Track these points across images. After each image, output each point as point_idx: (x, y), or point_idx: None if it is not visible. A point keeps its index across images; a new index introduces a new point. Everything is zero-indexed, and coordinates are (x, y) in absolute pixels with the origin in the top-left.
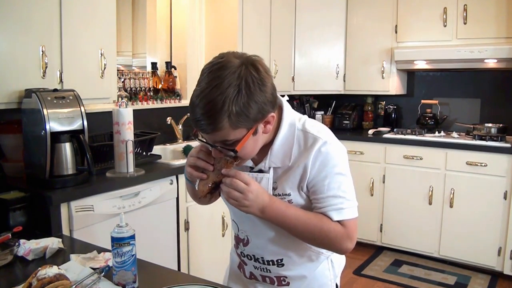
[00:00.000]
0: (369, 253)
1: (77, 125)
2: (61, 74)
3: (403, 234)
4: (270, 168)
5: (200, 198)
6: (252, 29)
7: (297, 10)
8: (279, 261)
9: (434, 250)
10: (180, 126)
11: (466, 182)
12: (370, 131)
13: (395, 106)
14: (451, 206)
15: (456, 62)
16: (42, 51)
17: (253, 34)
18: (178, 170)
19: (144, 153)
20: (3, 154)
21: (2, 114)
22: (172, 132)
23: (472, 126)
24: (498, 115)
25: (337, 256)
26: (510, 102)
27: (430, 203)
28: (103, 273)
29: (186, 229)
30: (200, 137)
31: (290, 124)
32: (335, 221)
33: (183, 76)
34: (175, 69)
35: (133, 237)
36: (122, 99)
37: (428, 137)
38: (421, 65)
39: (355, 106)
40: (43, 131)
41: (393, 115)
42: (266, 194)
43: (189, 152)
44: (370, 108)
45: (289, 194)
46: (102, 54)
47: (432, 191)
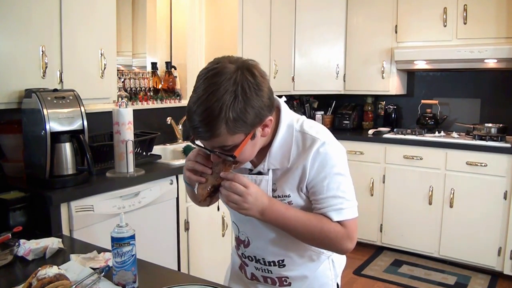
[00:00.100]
0: (369, 253)
1: (77, 125)
2: (61, 74)
3: (403, 234)
4: (269, 170)
5: (200, 201)
6: (252, 29)
7: (297, 10)
8: (280, 261)
9: (434, 250)
10: (180, 126)
11: (466, 182)
12: (370, 131)
13: (395, 106)
14: (451, 206)
15: (456, 62)
16: (42, 51)
17: (253, 34)
18: (178, 170)
19: (144, 153)
20: (3, 154)
21: (2, 114)
22: (172, 132)
23: (472, 126)
24: (498, 115)
25: (338, 255)
26: (510, 102)
27: (430, 203)
28: (103, 273)
29: (186, 229)
30: (198, 142)
31: (288, 125)
32: (335, 221)
33: (183, 76)
34: (175, 69)
35: (133, 237)
36: (122, 99)
37: (428, 137)
38: (421, 65)
39: (355, 106)
40: (43, 131)
41: (393, 115)
42: (266, 196)
43: (189, 152)
44: (370, 108)
45: (288, 196)
46: (102, 54)
47: (432, 191)
